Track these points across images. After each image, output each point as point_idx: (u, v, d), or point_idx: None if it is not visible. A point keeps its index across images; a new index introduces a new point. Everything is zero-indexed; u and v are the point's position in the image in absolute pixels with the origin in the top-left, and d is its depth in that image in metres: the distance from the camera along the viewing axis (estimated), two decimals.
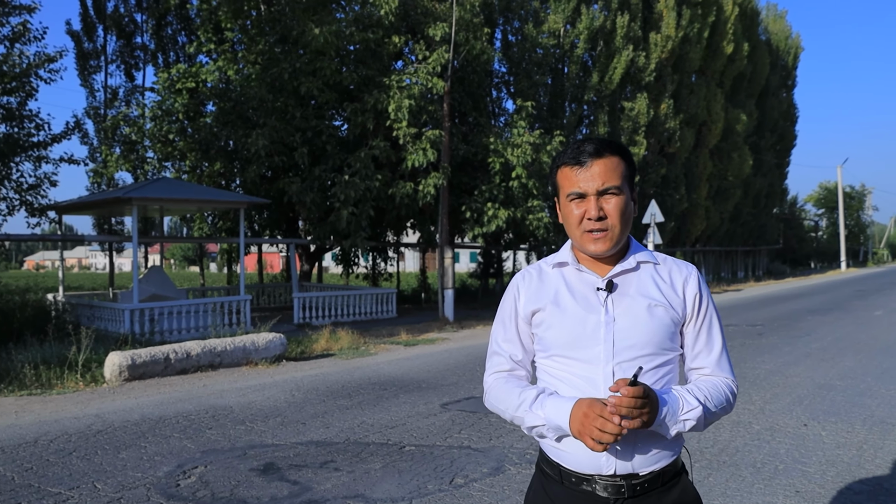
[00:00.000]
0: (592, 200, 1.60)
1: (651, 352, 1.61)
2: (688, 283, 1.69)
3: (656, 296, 1.65)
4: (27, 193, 13.73)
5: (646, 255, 1.71)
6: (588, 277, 1.68)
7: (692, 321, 1.69)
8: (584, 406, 1.51)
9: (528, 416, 1.63)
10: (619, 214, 1.61)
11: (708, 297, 1.71)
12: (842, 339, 10.91)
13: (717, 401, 1.63)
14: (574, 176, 1.62)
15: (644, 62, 23.07)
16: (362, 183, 14.10)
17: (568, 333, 1.64)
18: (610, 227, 1.61)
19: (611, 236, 1.62)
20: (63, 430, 5.77)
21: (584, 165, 1.61)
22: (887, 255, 69.10)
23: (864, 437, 5.30)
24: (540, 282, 1.74)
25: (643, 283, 1.66)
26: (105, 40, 19.00)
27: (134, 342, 10.32)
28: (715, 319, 1.71)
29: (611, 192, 1.60)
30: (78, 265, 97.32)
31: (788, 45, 38.00)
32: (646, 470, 1.60)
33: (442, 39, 14.77)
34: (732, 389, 1.69)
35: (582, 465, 1.61)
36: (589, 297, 1.66)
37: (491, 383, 1.79)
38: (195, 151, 15.92)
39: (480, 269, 23.43)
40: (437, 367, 8.99)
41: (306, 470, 4.57)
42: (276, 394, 7.24)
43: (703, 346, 1.70)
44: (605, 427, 1.45)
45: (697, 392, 1.61)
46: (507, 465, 4.65)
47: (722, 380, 1.69)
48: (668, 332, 1.64)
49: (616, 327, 1.61)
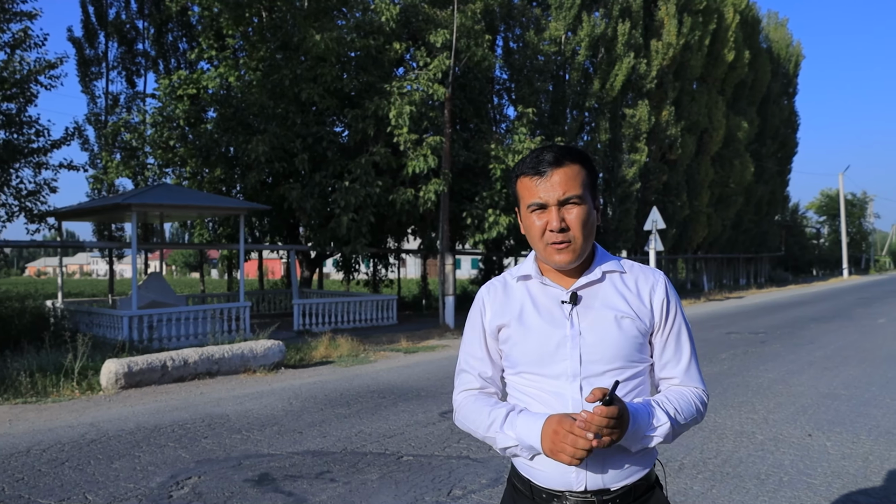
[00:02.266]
0: (554, 211, 1.55)
1: (619, 365, 1.57)
2: (655, 292, 1.63)
3: (622, 307, 1.59)
4: (27, 200, 13.68)
5: (612, 265, 1.65)
6: (552, 291, 1.63)
7: (660, 331, 1.64)
8: (554, 423, 1.47)
9: (499, 436, 1.58)
10: (581, 225, 1.56)
11: (676, 305, 1.66)
12: (845, 348, 10.81)
13: (686, 413, 1.59)
14: (534, 186, 1.56)
15: (645, 69, 23.06)
16: (363, 189, 14.06)
17: (533, 350, 1.59)
18: (572, 238, 1.56)
19: (573, 248, 1.56)
20: (57, 439, 5.69)
21: (544, 175, 1.55)
22: (889, 262, 68.95)
23: (870, 448, 5.21)
24: (505, 296, 1.69)
25: (609, 294, 1.61)
26: (106, 47, 19.03)
27: (132, 349, 10.25)
28: (683, 328, 1.66)
29: (572, 201, 1.55)
30: (80, 272, 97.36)
31: (789, 52, 38.02)
32: (617, 485, 1.55)
33: (443, 46, 14.76)
34: (703, 399, 1.66)
35: (552, 481, 1.56)
36: (553, 311, 1.61)
37: (460, 402, 1.74)
38: (196, 158, 15.89)
39: (482, 276, 23.36)
40: (436, 374, 8.91)
41: (301, 481, 4.49)
42: (273, 402, 7.16)
43: (672, 355, 1.65)
44: (576, 444, 1.40)
45: (668, 405, 1.57)
46: (505, 476, 4.56)
47: (692, 390, 1.65)
48: (635, 343, 1.59)
49: (582, 342, 1.56)
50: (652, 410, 1.53)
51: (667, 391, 1.65)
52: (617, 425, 1.40)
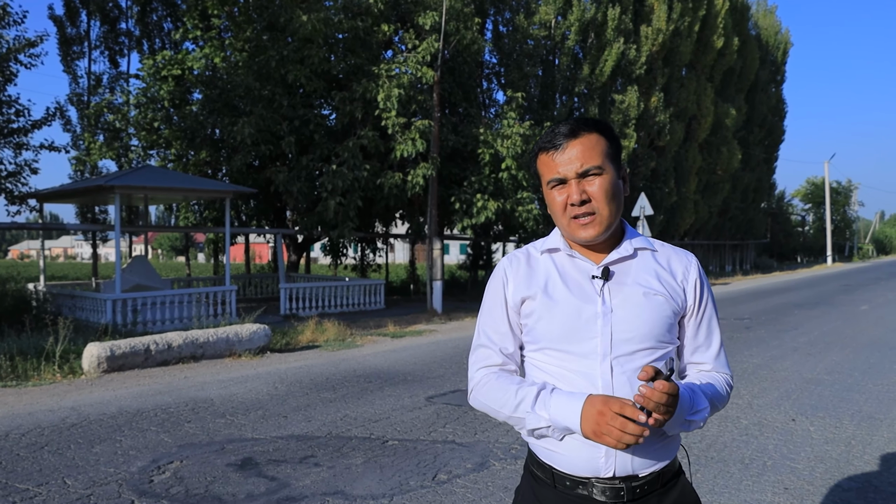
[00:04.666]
0: (573, 184, 1.48)
1: (650, 345, 1.50)
2: (689, 273, 1.58)
3: (655, 285, 1.53)
4: (6, 181, 13.44)
5: (642, 241, 1.59)
6: (582, 264, 1.55)
7: (693, 314, 1.59)
8: (599, 404, 1.38)
9: (529, 417, 1.49)
10: (605, 196, 1.48)
11: (708, 289, 1.62)
12: (828, 334, 10.91)
13: (718, 398, 1.58)
14: (552, 161, 1.50)
15: (635, 55, 22.98)
16: (350, 173, 13.94)
17: (561, 325, 1.50)
18: (597, 210, 1.48)
19: (599, 220, 1.49)
20: (36, 423, 5.61)
21: (560, 148, 1.49)
22: (872, 250, 69.69)
23: (853, 433, 5.25)
24: (529, 267, 1.60)
25: (641, 271, 1.54)
26: (88, 25, 18.65)
27: (115, 333, 10.14)
28: (714, 313, 1.62)
29: (592, 173, 1.48)
30: (64, 255, 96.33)
31: (778, 40, 38.05)
32: (646, 471, 1.49)
33: (432, 28, 14.60)
34: (731, 385, 1.64)
35: (578, 467, 1.48)
36: (584, 285, 1.52)
37: (479, 380, 1.62)
38: (181, 140, 15.68)
39: (470, 261, 23.33)
40: (423, 359, 8.89)
41: (285, 465, 4.45)
42: (258, 386, 7.11)
43: (704, 339, 1.61)
44: (625, 427, 1.33)
45: (705, 388, 1.54)
46: (491, 460, 4.56)
47: (722, 376, 1.63)
48: (667, 323, 1.52)
49: (614, 318, 1.48)
50: (693, 394, 1.48)
51: (699, 375, 1.61)
52: (673, 403, 1.35)
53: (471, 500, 3.85)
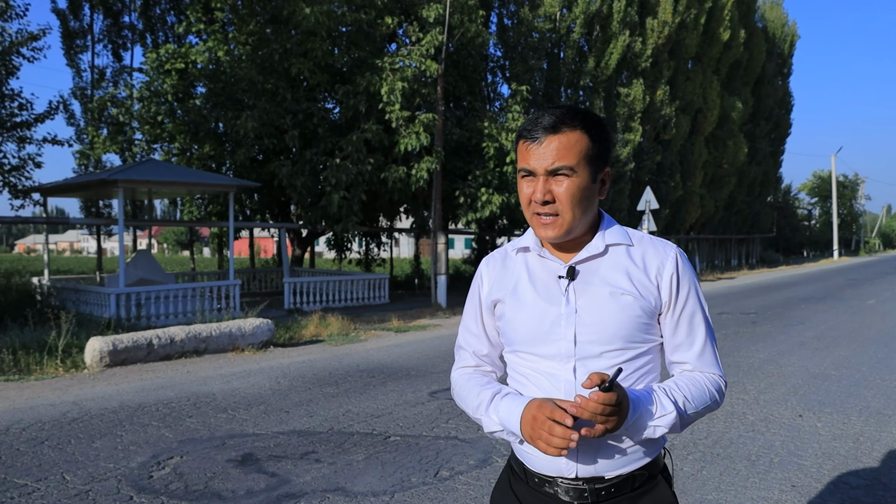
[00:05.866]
0: (541, 181, 1.43)
1: (618, 346, 1.44)
2: (664, 268, 1.48)
3: (624, 284, 1.45)
4: (10, 175, 13.44)
5: (617, 236, 1.50)
6: (550, 265, 1.51)
7: (669, 311, 1.49)
8: (534, 408, 1.37)
9: (484, 419, 1.52)
10: (570, 199, 1.42)
11: (690, 284, 1.50)
12: (835, 328, 10.81)
13: (698, 401, 1.46)
14: (526, 151, 1.44)
15: (640, 48, 22.81)
16: (354, 167, 13.88)
17: (527, 327, 1.49)
18: (560, 211, 1.43)
19: (560, 222, 1.43)
20: (37, 417, 5.59)
21: (536, 141, 1.42)
22: (879, 244, 69.32)
23: (861, 429, 5.18)
24: (503, 268, 1.58)
25: (610, 269, 1.47)
26: (92, 19, 18.58)
27: (119, 327, 10.13)
28: (697, 309, 1.51)
29: (562, 172, 1.41)
30: (70, 249, 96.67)
31: (785, 32, 37.72)
32: (612, 473, 1.44)
33: (436, 21, 14.49)
34: (718, 386, 1.51)
35: (543, 465, 1.47)
36: (550, 286, 1.49)
37: (454, 381, 1.67)
38: (184, 133, 15.63)
39: (475, 256, 23.28)
40: (427, 353, 8.85)
41: (286, 461, 4.41)
42: (260, 381, 7.07)
43: (684, 338, 1.51)
44: (552, 431, 1.30)
45: (676, 392, 1.44)
46: (494, 456, 4.51)
47: (706, 376, 1.51)
48: (637, 323, 1.45)
49: (578, 320, 1.44)
50: (657, 398, 1.41)
51: (678, 377, 1.52)
52: (614, 413, 1.29)
53: (473, 496, 3.81)
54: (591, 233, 1.51)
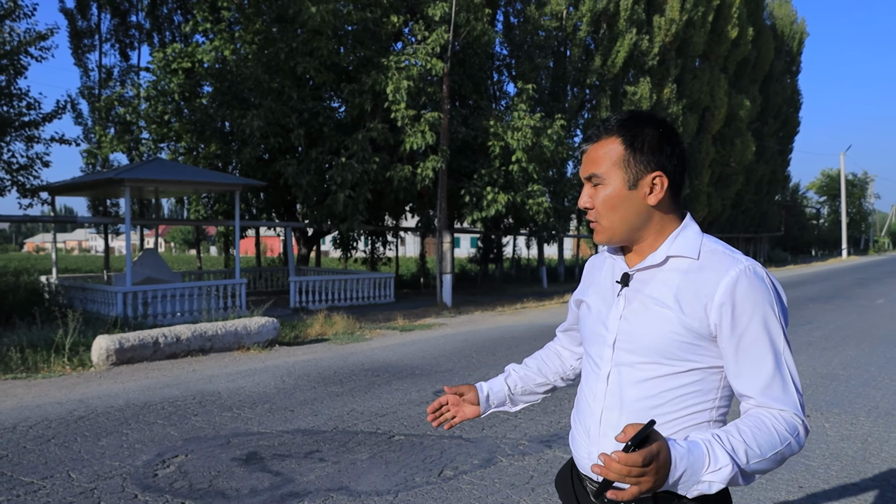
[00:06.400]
0: (585, 188, 1.49)
1: (653, 360, 1.39)
2: (717, 289, 1.34)
3: (666, 299, 1.38)
4: (18, 174, 13.51)
5: (683, 248, 1.41)
6: (618, 270, 1.52)
7: (723, 335, 1.35)
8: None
9: None
10: (603, 206, 1.44)
11: (753, 307, 1.34)
12: (844, 328, 10.74)
13: (766, 447, 1.27)
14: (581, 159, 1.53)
15: (647, 46, 22.73)
16: (360, 166, 13.88)
17: (588, 327, 1.56)
18: (597, 218, 1.46)
19: (600, 228, 1.47)
20: (44, 415, 5.61)
21: (581, 149, 1.51)
22: (888, 243, 68.89)
23: (869, 430, 5.14)
24: (592, 269, 1.65)
25: (662, 281, 1.41)
26: (99, 18, 18.69)
27: (125, 325, 10.16)
28: (763, 335, 1.34)
29: (595, 180, 1.45)
30: (78, 248, 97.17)
31: (793, 30, 37.52)
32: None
33: (442, 20, 14.48)
34: (792, 426, 1.31)
35: (577, 458, 1.53)
36: (610, 290, 1.51)
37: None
38: (191, 133, 15.67)
39: (480, 255, 23.25)
40: (432, 353, 8.84)
41: (290, 460, 4.41)
42: (266, 379, 7.08)
43: (744, 368, 1.35)
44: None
45: (735, 440, 1.26)
46: (498, 456, 4.49)
47: (776, 414, 1.32)
48: (676, 341, 1.37)
49: (620, 327, 1.44)
50: (709, 450, 1.23)
51: (743, 419, 1.34)
52: (645, 474, 1.13)
53: (477, 496, 3.79)
54: (661, 242, 1.46)
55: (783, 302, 1.41)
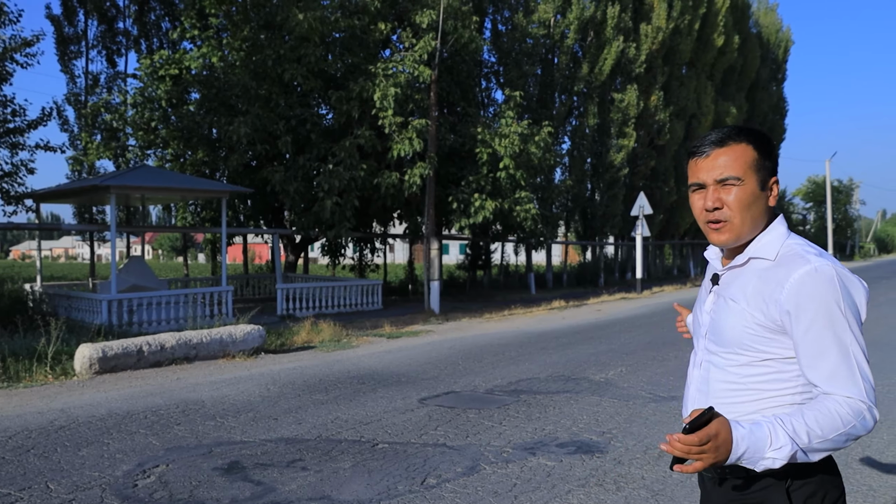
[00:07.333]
0: (710, 190, 1.59)
1: (733, 351, 1.59)
2: (782, 287, 1.49)
3: (740, 296, 1.58)
4: (2, 181, 13.40)
5: (764, 249, 1.59)
6: (713, 269, 1.73)
7: (790, 330, 1.50)
8: None
9: None
10: (739, 205, 1.56)
11: (817, 306, 1.47)
12: None
13: (826, 429, 1.41)
14: (696, 166, 1.62)
15: (634, 53, 22.91)
16: (347, 173, 13.87)
17: (694, 320, 1.79)
18: (728, 217, 1.57)
19: (730, 227, 1.58)
20: (24, 425, 5.55)
21: (704, 155, 1.60)
22: (874, 249, 69.52)
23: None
24: (708, 268, 1.80)
25: (742, 280, 1.60)
26: (86, 25, 18.60)
27: (110, 334, 10.08)
28: (827, 331, 1.46)
29: (729, 182, 1.56)
30: (65, 255, 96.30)
31: (779, 38, 37.93)
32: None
33: (429, 27, 14.52)
34: (856, 409, 1.43)
35: None
36: (706, 287, 1.73)
37: None
38: (178, 139, 15.61)
39: (469, 261, 23.26)
40: (418, 360, 8.82)
41: (272, 469, 4.38)
42: (250, 388, 7.04)
43: (812, 358, 1.48)
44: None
45: (797, 422, 1.41)
46: (482, 464, 4.49)
47: (839, 399, 1.44)
48: (749, 334, 1.55)
49: (710, 321, 1.66)
50: (771, 430, 1.40)
51: (811, 403, 1.48)
52: (705, 451, 1.34)
53: None
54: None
55: (853, 298, 1.52)
